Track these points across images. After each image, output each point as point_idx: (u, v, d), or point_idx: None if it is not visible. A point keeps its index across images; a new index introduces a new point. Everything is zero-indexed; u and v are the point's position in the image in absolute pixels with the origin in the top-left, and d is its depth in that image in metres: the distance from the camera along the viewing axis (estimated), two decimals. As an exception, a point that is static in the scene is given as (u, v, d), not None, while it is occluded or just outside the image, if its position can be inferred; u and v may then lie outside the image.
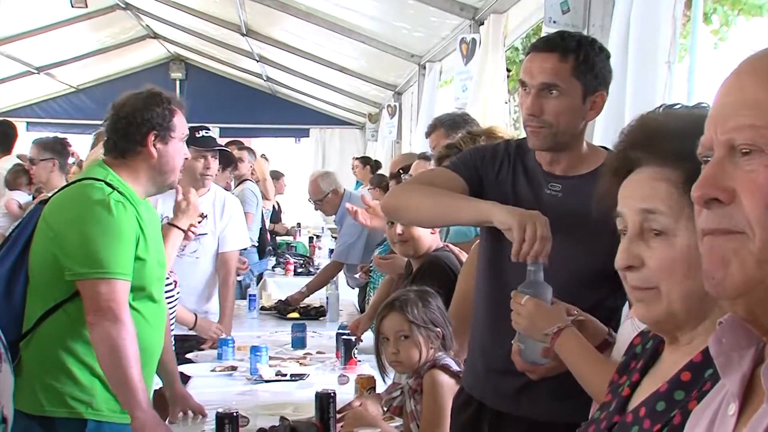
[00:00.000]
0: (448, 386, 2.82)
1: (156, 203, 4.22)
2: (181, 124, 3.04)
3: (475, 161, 2.56)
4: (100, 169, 2.94)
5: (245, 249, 5.89)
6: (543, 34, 4.93)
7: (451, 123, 4.08)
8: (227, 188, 6.64)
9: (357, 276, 6.26)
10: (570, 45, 2.34)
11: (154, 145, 2.96)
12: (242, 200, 5.79)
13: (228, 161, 5.60)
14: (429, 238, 3.67)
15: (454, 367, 2.87)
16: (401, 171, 4.83)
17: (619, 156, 1.42)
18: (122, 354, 2.73)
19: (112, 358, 2.73)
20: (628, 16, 3.62)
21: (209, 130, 4.78)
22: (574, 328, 2.04)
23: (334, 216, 6.62)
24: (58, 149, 6.12)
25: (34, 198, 6.54)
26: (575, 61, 2.32)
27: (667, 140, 1.33)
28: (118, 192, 2.85)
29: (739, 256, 0.96)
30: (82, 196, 2.85)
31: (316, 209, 6.42)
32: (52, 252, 2.79)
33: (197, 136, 4.51)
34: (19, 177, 7.10)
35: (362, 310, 6.11)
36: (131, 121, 2.94)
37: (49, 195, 3.01)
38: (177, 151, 3.03)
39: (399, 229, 3.65)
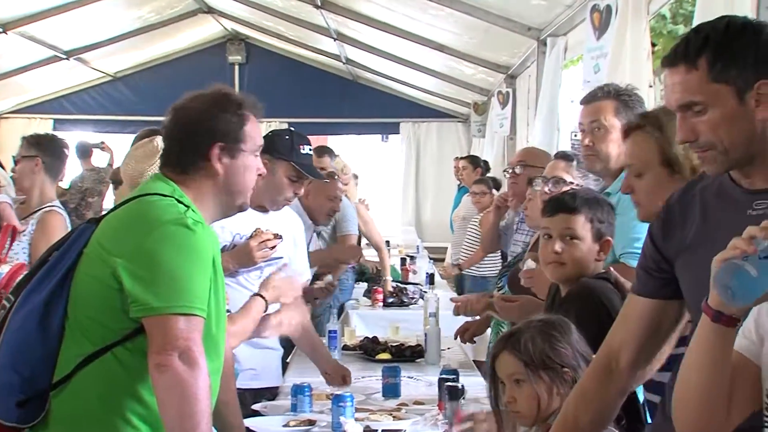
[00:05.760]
0: None
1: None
2: (254, 134, 3.06)
3: (646, 260, 2.62)
4: (164, 184, 2.96)
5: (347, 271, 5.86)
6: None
7: (627, 98, 4.00)
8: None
9: None
10: (694, 47, 2.34)
11: (220, 160, 2.98)
12: (342, 218, 5.79)
13: None
14: (591, 264, 3.58)
15: None
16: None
17: None
18: (196, 407, 2.70)
19: (182, 408, 2.69)
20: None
21: (310, 143, 4.67)
22: None
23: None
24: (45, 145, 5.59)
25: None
26: (708, 64, 2.32)
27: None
28: (192, 210, 2.86)
29: None
30: (152, 214, 2.85)
31: None
32: (108, 284, 2.77)
33: (302, 152, 4.50)
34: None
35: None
36: (191, 129, 2.98)
37: (103, 213, 3.03)
38: (248, 166, 3.05)
39: (558, 246, 3.56)
